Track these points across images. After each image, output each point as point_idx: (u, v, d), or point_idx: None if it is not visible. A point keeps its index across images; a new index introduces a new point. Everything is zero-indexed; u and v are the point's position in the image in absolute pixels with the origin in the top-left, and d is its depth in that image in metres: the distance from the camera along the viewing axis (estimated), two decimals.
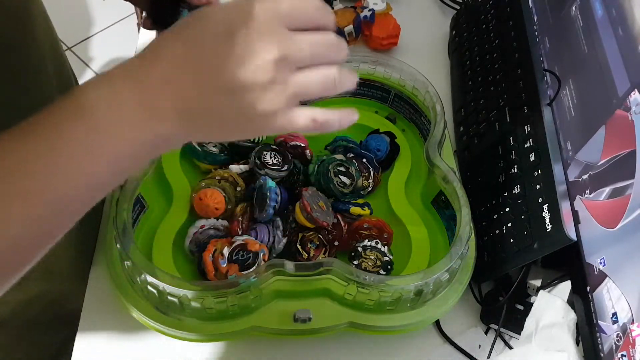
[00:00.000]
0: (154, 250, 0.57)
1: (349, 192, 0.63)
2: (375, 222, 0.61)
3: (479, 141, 0.68)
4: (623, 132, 0.52)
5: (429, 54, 0.86)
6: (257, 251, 0.55)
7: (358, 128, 0.71)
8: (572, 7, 0.66)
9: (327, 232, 0.59)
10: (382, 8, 0.83)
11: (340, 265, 0.51)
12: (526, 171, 0.59)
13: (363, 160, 0.65)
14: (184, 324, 0.51)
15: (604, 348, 0.50)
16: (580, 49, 0.62)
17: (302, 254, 0.57)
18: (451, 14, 0.90)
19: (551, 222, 0.53)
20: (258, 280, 0.50)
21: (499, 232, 0.58)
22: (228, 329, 0.52)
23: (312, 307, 0.53)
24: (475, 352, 0.58)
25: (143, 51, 0.34)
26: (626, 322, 0.48)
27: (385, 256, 0.58)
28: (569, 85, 0.63)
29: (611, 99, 0.54)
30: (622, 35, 0.55)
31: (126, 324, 0.56)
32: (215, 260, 0.54)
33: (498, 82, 0.71)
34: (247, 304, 0.52)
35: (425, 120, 0.68)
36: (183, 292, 0.48)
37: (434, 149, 0.61)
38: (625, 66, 0.53)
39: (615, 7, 0.57)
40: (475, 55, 0.78)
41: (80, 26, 1.87)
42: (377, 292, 0.51)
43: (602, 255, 0.52)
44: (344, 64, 0.36)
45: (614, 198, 0.51)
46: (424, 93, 0.67)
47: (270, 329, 0.52)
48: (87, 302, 0.57)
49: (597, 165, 0.55)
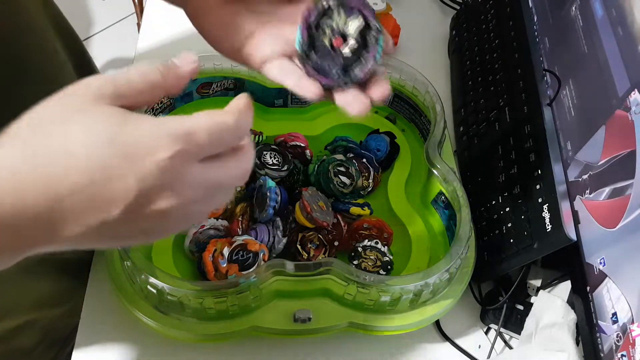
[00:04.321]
0: (153, 250, 0.57)
1: (349, 192, 0.63)
2: (375, 222, 0.61)
3: (479, 141, 0.68)
4: (623, 132, 0.52)
5: (429, 54, 0.86)
6: (257, 251, 0.55)
7: (358, 128, 0.71)
8: (572, 7, 0.66)
9: (327, 232, 0.59)
10: (382, 8, 0.83)
11: (340, 265, 0.51)
12: (526, 171, 0.59)
13: (363, 160, 0.65)
14: (184, 324, 0.51)
15: (604, 348, 0.50)
16: (580, 49, 0.62)
17: (302, 254, 0.57)
18: (451, 14, 0.90)
19: (551, 222, 0.53)
20: (258, 280, 0.50)
21: (499, 232, 0.58)
22: (228, 329, 0.52)
23: (312, 307, 0.53)
24: (475, 352, 0.59)
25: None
26: (626, 322, 0.48)
27: (385, 256, 0.58)
28: (569, 85, 0.63)
29: (611, 99, 0.54)
30: (622, 35, 0.55)
31: (126, 324, 0.56)
32: (215, 260, 0.54)
33: (498, 82, 0.71)
34: (247, 304, 0.52)
35: (425, 120, 0.68)
36: (183, 292, 0.48)
37: (434, 149, 0.61)
38: (625, 66, 0.53)
39: (615, 7, 0.57)
40: (475, 55, 0.78)
41: (80, 26, 1.87)
42: (377, 292, 0.51)
43: (602, 255, 0.52)
44: None
45: (614, 198, 0.51)
46: (424, 93, 0.67)
47: (270, 329, 0.52)
48: (87, 302, 0.57)
49: (597, 165, 0.55)
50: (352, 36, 0.34)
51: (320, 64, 0.34)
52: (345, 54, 0.34)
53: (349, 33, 0.34)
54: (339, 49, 0.34)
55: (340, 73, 0.35)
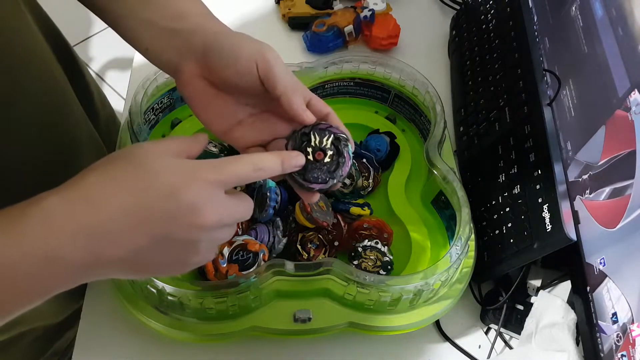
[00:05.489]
0: None
1: (349, 192, 0.63)
2: (375, 222, 0.61)
3: (479, 141, 0.68)
4: (623, 132, 0.52)
5: (429, 54, 0.86)
6: (257, 251, 0.55)
7: (358, 128, 0.71)
8: (572, 7, 0.66)
9: (327, 232, 0.59)
10: (382, 8, 0.83)
11: (340, 265, 0.51)
12: (526, 171, 0.59)
13: (363, 160, 0.65)
14: (184, 324, 0.51)
15: (604, 348, 0.50)
16: (580, 49, 0.62)
17: (302, 254, 0.57)
18: (451, 14, 0.90)
19: (551, 222, 0.53)
20: (258, 280, 0.50)
21: (499, 232, 0.58)
22: (228, 329, 0.52)
23: (312, 307, 0.53)
24: (475, 352, 0.59)
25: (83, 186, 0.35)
26: (626, 322, 0.48)
27: (385, 256, 0.58)
28: (569, 85, 0.63)
29: (611, 99, 0.54)
30: (622, 35, 0.55)
31: (126, 324, 0.56)
32: (215, 260, 0.54)
33: (498, 82, 0.71)
34: (247, 304, 0.52)
35: (425, 120, 0.68)
36: (183, 292, 0.48)
37: (434, 149, 0.61)
38: (625, 66, 0.53)
39: (615, 7, 0.57)
40: (475, 55, 0.78)
41: (80, 26, 1.87)
42: (377, 292, 0.51)
43: (602, 255, 0.52)
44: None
45: (614, 198, 0.51)
46: (424, 93, 0.67)
47: (270, 329, 0.52)
48: (87, 302, 0.57)
49: (597, 165, 0.55)
50: (329, 149, 0.44)
51: (311, 175, 0.44)
52: (327, 162, 0.44)
53: (326, 147, 0.44)
54: (321, 160, 0.44)
55: (327, 177, 0.44)
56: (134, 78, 0.77)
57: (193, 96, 0.45)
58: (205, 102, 0.45)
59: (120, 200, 0.34)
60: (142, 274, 0.38)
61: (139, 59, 0.79)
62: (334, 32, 0.81)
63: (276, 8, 0.89)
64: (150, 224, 0.34)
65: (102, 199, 0.34)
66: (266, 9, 0.89)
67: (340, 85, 0.71)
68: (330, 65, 0.68)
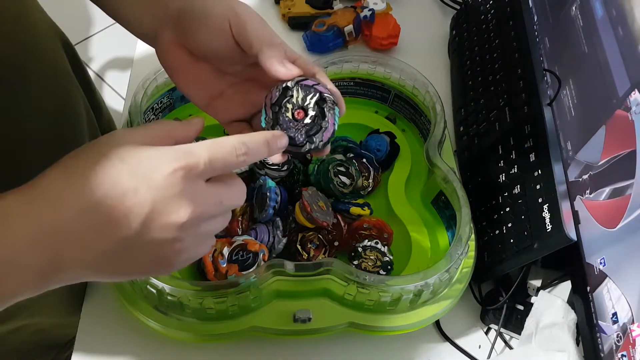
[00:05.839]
0: None
1: (349, 192, 0.63)
2: (375, 222, 0.61)
3: (479, 141, 0.68)
4: (623, 132, 0.52)
5: (429, 54, 0.86)
6: (257, 251, 0.55)
7: (358, 128, 0.71)
8: (572, 7, 0.66)
9: (327, 232, 0.59)
10: (382, 8, 0.83)
11: (340, 265, 0.51)
12: (526, 171, 0.59)
13: (363, 160, 0.65)
14: (183, 324, 0.51)
15: (604, 348, 0.50)
16: (580, 49, 0.62)
17: (302, 254, 0.57)
18: (451, 14, 0.90)
19: (551, 222, 0.53)
20: (258, 280, 0.50)
21: (499, 232, 0.58)
22: (228, 329, 0.52)
23: (312, 307, 0.53)
24: (475, 352, 0.59)
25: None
26: (626, 322, 0.48)
27: (385, 256, 0.58)
28: (569, 85, 0.63)
29: (611, 99, 0.54)
30: (622, 35, 0.55)
31: (126, 324, 0.56)
32: (215, 260, 0.54)
33: (498, 82, 0.71)
34: (247, 304, 0.52)
35: (425, 120, 0.68)
36: (183, 292, 0.48)
37: (434, 149, 0.61)
38: (625, 66, 0.53)
39: (615, 7, 0.57)
40: (475, 55, 0.78)
41: (80, 26, 1.87)
42: (377, 292, 0.51)
43: (602, 255, 0.52)
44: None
45: (614, 198, 0.51)
46: (424, 93, 0.67)
47: (270, 329, 0.52)
48: (87, 302, 0.57)
49: (597, 165, 0.55)
50: (311, 108, 0.40)
51: (287, 135, 0.39)
52: (307, 123, 0.40)
53: (309, 106, 0.40)
54: (301, 120, 0.40)
55: (305, 139, 0.40)
56: (134, 78, 0.77)
57: (171, 65, 0.44)
58: (184, 70, 0.43)
59: (80, 200, 0.30)
60: (121, 276, 0.35)
61: (139, 59, 0.79)
62: (334, 32, 0.81)
63: (276, 8, 0.89)
64: (113, 227, 0.31)
65: (60, 198, 0.31)
66: (266, 9, 0.89)
67: (340, 85, 0.71)
68: (330, 65, 0.68)
